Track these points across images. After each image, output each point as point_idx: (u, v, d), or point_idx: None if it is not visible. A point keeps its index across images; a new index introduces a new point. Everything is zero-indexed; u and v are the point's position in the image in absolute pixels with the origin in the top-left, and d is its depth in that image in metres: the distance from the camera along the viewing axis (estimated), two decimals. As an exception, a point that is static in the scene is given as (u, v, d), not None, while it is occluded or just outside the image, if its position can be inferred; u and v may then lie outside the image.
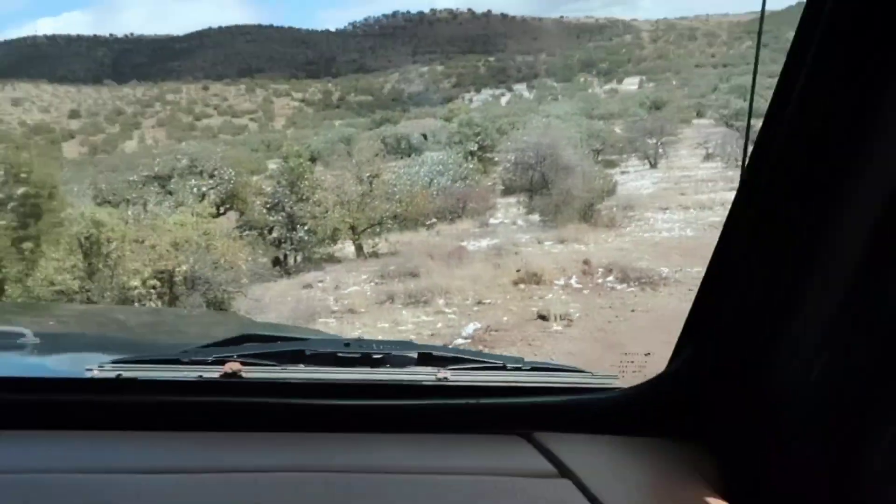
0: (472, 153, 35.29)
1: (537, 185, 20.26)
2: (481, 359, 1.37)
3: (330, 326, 8.70)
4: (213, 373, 1.23)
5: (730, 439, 1.08)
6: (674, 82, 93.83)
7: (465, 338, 7.48)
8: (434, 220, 20.16)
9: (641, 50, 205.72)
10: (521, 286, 10.13)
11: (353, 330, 8.39)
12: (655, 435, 1.18)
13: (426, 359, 1.33)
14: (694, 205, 18.90)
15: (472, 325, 7.82)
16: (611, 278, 10.07)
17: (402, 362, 1.33)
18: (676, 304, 8.75)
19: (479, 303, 9.31)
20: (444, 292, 9.58)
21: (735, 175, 25.05)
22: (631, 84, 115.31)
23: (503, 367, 1.32)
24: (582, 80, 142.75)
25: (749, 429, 1.04)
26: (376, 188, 17.32)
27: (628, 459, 1.16)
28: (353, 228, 16.85)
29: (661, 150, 32.12)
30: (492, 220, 19.90)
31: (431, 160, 25.52)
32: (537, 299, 9.38)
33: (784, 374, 0.98)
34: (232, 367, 1.22)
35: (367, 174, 17.61)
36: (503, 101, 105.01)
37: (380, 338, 6.22)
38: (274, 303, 10.39)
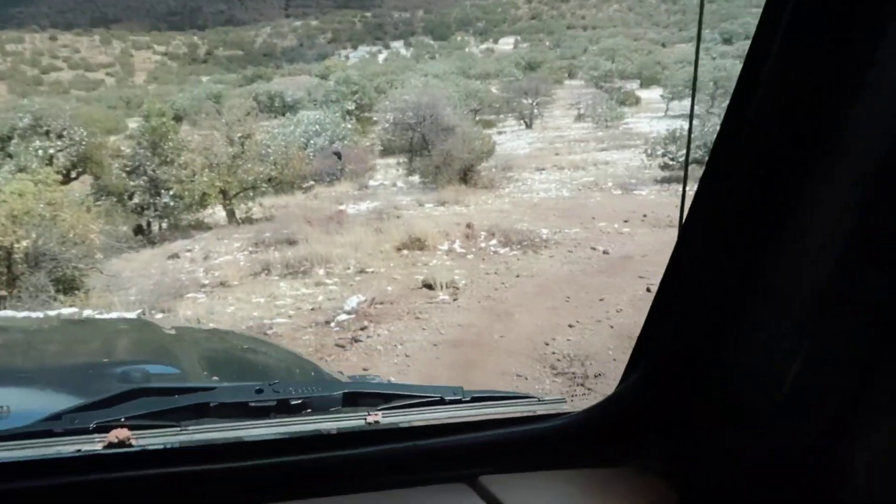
0: (349, 112, 34.49)
1: (417, 146, 20.01)
2: (416, 393, 1.24)
3: (199, 303, 8.02)
4: (95, 444, 1.03)
5: (692, 460, 1.01)
6: (547, 43, 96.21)
7: (349, 312, 7.04)
8: (312, 182, 19.47)
9: (516, 10, 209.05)
10: (405, 252, 9.85)
11: (225, 306, 7.75)
12: (612, 465, 1.10)
13: (353, 399, 1.21)
14: (568, 165, 19.38)
15: (354, 297, 7.40)
16: (494, 242, 10.00)
17: (326, 405, 1.19)
18: (559, 268, 8.82)
19: (362, 272, 8.92)
20: (324, 261, 9.10)
21: (605, 135, 26.07)
22: (506, 44, 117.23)
23: (441, 402, 1.21)
24: (459, 38, 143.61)
25: (712, 443, 0.98)
26: (249, 149, 16.33)
27: (585, 497, 1.06)
28: (223, 193, 15.84)
29: (536, 111, 32.73)
30: (371, 182, 19.46)
31: (308, 119, 24.68)
32: (421, 266, 9.14)
33: (747, 382, 0.93)
34: (119, 434, 1.03)
35: (239, 134, 16.55)
36: (380, 58, 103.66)
37: (252, 331, 5.66)
38: (135, 277, 9.48)
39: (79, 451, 1.01)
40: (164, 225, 16.10)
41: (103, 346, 2.24)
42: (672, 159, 16.12)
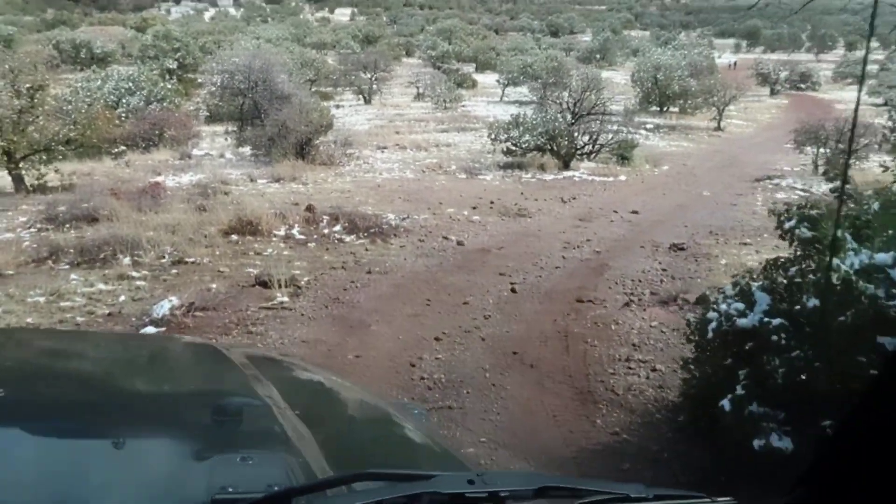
0: (170, 71, 31.41)
1: (248, 114, 18.30)
2: (604, 490, 1.27)
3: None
4: None
5: None
6: (384, 18, 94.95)
7: (158, 322, 5.52)
8: (123, 147, 17.07)
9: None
10: (234, 238, 8.48)
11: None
12: None
13: (545, 492, 1.23)
14: (411, 144, 18.70)
15: (167, 300, 5.85)
16: (338, 228, 8.92)
17: (524, 496, 1.22)
18: (413, 262, 7.98)
19: (180, 262, 7.43)
20: (131, 246, 7.48)
21: (445, 117, 25.73)
22: (343, 15, 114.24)
23: (628, 499, 1.25)
24: (293, 3, 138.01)
25: None
26: (40, 104, 13.76)
27: None
28: (7, 154, 13.21)
29: (375, 86, 31.75)
30: (195, 152, 17.42)
31: (119, 75, 21.81)
32: (254, 256, 7.85)
33: None
34: None
35: (28, 85, 13.88)
36: (206, 16, 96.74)
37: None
38: None
39: None
40: (-75, 190, 13.14)
41: (172, 370, 2.06)
42: (515, 144, 15.96)
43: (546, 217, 10.88)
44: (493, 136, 16.49)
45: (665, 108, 28.05)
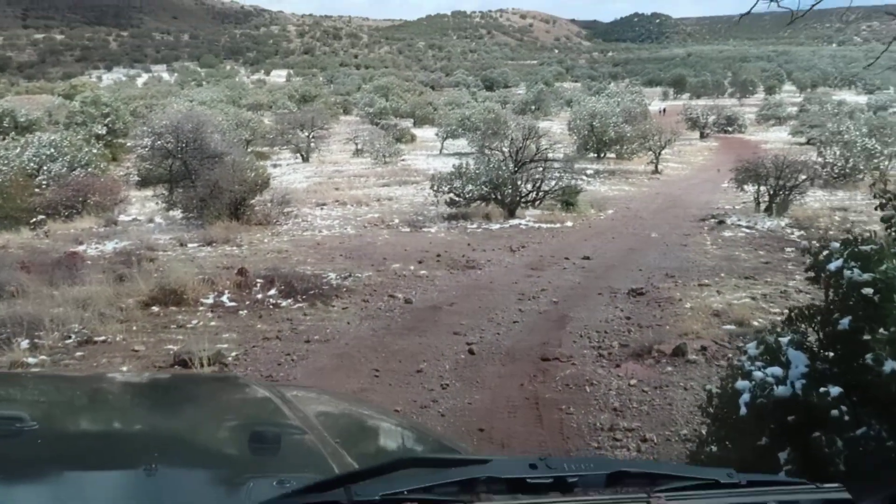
0: (99, 136, 30.28)
1: (179, 176, 17.42)
2: (688, 475, 1.18)
3: None
4: None
5: None
6: (321, 78, 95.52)
7: None
8: (42, 216, 15.97)
9: (289, 43, 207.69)
10: (155, 309, 7.63)
11: None
12: None
13: (620, 478, 1.15)
14: (351, 200, 18.16)
15: None
16: (273, 291, 8.15)
17: (596, 483, 1.13)
18: (358, 325, 7.27)
19: (87, 342, 6.51)
20: (34, 325, 6.59)
21: (385, 171, 25.35)
22: (279, 77, 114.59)
23: (717, 484, 1.15)
24: (228, 67, 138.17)
25: None
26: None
27: None
28: None
29: (312, 144, 31.32)
30: (123, 217, 16.42)
31: (40, 141, 20.72)
32: (176, 330, 6.99)
33: None
34: None
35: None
36: (139, 81, 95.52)
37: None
38: None
39: None
40: None
41: (203, 402, 1.98)
42: (458, 195, 15.60)
43: (496, 268, 10.39)
44: (435, 188, 16.10)
45: (603, 154, 28.41)
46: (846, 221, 14.19)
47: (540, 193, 16.44)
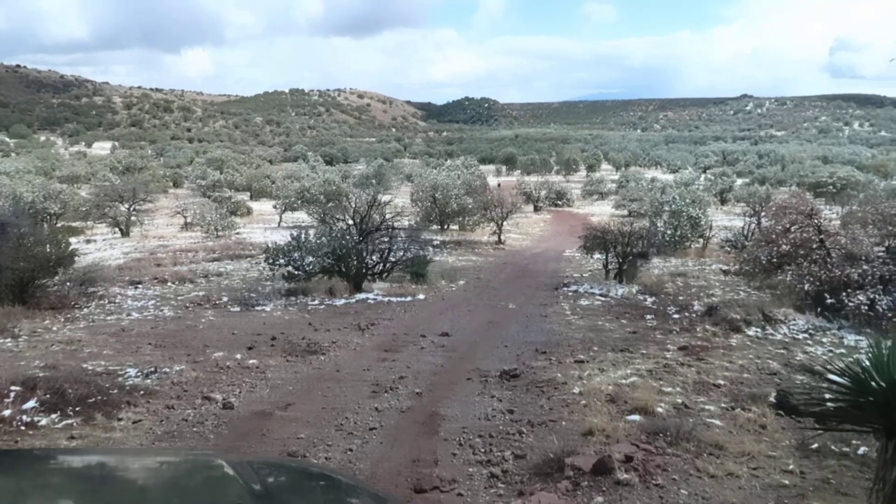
0: None
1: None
2: None
3: None
4: None
5: None
6: (149, 151, 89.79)
7: None
8: None
9: (115, 115, 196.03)
10: None
11: None
12: None
13: None
14: (172, 277, 15.90)
15: None
16: (32, 404, 6.00)
17: None
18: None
19: None
20: None
21: (217, 245, 23.05)
22: (102, 149, 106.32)
23: None
24: (43, 138, 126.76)
25: None
26: None
27: None
28: None
29: (134, 218, 28.26)
30: None
31: None
32: None
33: None
34: None
35: None
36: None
37: None
38: None
39: None
40: None
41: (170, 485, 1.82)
42: (297, 268, 14.01)
43: (343, 351, 8.87)
44: (271, 261, 14.40)
45: (446, 226, 28.10)
46: (689, 286, 14.32)
47: (387, 265, 15.27)
